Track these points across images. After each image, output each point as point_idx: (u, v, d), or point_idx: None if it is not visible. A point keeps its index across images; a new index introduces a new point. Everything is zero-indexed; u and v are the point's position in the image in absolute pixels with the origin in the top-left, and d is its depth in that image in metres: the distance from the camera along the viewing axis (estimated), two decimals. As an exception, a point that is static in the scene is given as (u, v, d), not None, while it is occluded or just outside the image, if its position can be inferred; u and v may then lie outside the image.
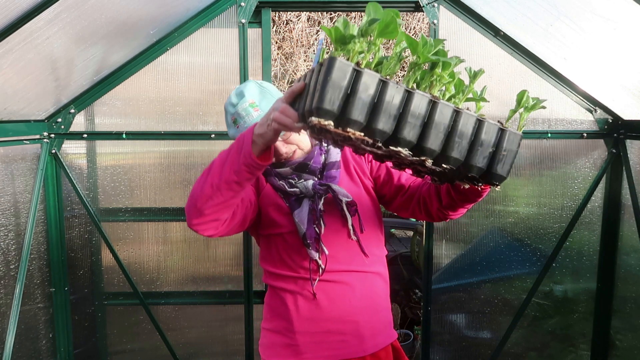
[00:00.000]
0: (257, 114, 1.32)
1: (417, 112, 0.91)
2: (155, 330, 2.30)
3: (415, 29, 4.21)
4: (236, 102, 1.35)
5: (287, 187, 1.38)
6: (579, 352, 2.35)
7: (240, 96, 1.34)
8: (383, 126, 0.88)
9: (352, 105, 0.85)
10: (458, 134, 0.96)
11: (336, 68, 0.84)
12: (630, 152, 2.13)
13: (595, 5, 1.64)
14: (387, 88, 0.88)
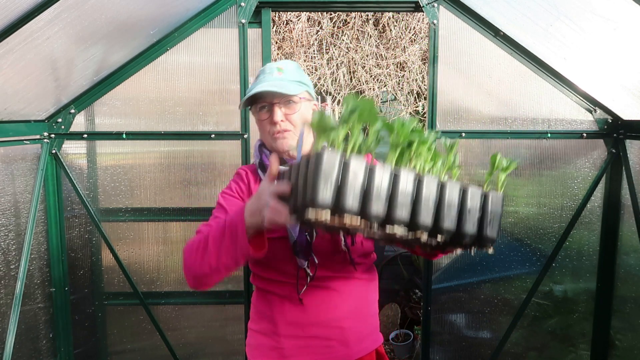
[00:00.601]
0: (278, 76, 1.38)
1: (406, 190, 0.95)
2: (155, 330, 2.30)
3: (415, 29, 4.21)
4: (271, 66, 1.42)
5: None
6: (579, 352, 2.35)
7: (277, 64, 1.42)
8: (377, 210, 0.91)
9: (344, 194, 0.88)
10: (447, 204, 1.00)
11: (325, 161, 0.87)
12: (630, 152, 2.13)
13: (595, 5, 1.64)
14: (374, 171, 0.92)
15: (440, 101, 2.19)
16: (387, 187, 0.93)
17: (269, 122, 1.39)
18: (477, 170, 2.26)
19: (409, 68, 4.31)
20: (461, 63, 2.18)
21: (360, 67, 4.32)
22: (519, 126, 2.22)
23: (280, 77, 1.37)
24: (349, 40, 4.21)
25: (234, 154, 2.20)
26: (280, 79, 1.37)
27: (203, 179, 2.23)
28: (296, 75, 1.41)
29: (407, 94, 4.50)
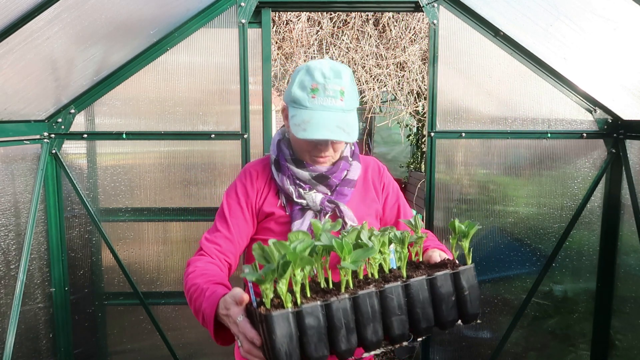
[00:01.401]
0: (339, 104, 1.22)
1: (371, 310, 0.90)
2: (155, 330, 2.30)
3: (415, 29, 4.21)
4: (329, 77, 1.22)
5: (294, 196, 1.33)
6: (579, 352, 2.35)
7: (336, 74, 1.23)
8: (346, 345, 0.87)
9: (309, 345, 0.83)
10: (418, 305, 0.95)
11: (276, 323, 0.81)
12: (630, 152, 2.13)
13: (595, 5, 1.64)
14: (332, 307, 0.86)
15: (440, 101, 2.19)
16: (350, 316, 0.87)
17: (313, 146, 1.30)
18: (477, 170, 2.26)
19: (409, 68, 4.31)
20: (461, 63, 2.18)
21: (360, 67, 4.31)
22: (519, 126, 2.22)
23: (343, 107, 1.23)
24: (349, 40, 4.21)
25: (234, 154, 2.20)
26: (343, 109, 1.23)
27: (203, 179, 2.23)
28: (354, 95, 1.29)
29: (407, 94, 4.50)
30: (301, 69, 1.28)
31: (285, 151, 1.36)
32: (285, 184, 1.34)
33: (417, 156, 6.15)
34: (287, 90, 1.30)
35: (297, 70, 1.29)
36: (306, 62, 1.32)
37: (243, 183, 1.38)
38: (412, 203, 4.72)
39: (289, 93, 1.28)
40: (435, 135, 2.20)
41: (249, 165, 1.43)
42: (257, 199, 1.37)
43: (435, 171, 2.22)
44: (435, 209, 2.25)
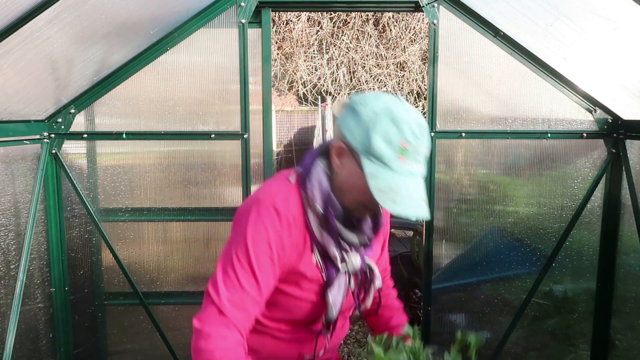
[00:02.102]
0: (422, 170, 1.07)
1: None
2: (155, 330, 2.30)
3: (415, 29, 4.21)
4: (420, 136, 1.03)
5: (338, 260, 1.15)
6: (579, 352, 2.35)
7: (424, 132, 1.05)
8: None
9: None
10: None
11: None
12: (630, 152, 2.13)
13: (595, 5, 1.64)
14: None
15: (440, 101, 2.19)
16: None
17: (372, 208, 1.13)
18: (477, 170, 2.26)
19: (409, 68, 4.31)
20: (461, 63, 2.18)
21: (360, 67, 4.32)
22: (519, 126, 2.22)
23: (424, 173, 1.08)
24: (349, 40, 4.21)
25: (234, 154, 2.20)
26: (423, 175, 1.08)
27: (203, 179, 2.23)
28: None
29: (407, 94, 4.49)
30: (380, 113, 1.03)
31: (338, 208, 1.11)
32: (330, 246, 1.13)
33: (417, 156, 6.13)
34: (359, 133, 1.04)
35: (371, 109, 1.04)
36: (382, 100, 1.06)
37: (279, 233, 1.08)
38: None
39: (364, 139, 1.03)
40: (435, 135, 2.20)
41: (282, 206, 1.09)
42: (293, 255, 1.12)
43: (435, 171, 2.22)
44: (435, 209, 2.25)
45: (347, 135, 1.06)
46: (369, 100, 1.06)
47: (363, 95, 1.10)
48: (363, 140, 1.04)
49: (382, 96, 1.08)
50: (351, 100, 1.11)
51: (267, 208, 1.08)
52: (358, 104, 1.06)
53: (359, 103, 1.07)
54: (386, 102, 1.05)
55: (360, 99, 1.08)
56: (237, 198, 2.23)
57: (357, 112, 1.06)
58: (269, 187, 1.15)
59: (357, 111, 1.06)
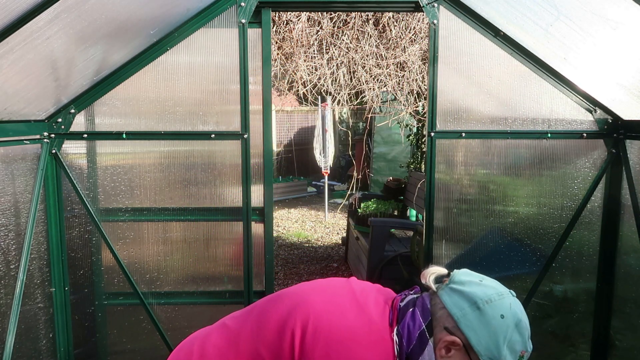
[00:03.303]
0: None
1: None
2: (155, 330, 2.30)
3: (415, 29, 4.21)
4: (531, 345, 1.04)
5: None
6: (579, 352, 2.34)
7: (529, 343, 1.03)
8: None
9: None
10: None
11: None
12: (630, 152, 2.13)
13: (595, 5, 1.64)
14: None
15: (440, 101, 2.19)
16: None
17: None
18: (477, 170, 2.26)
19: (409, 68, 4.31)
20: (461, 63, 2.18)
21: (360, 67, 4.31)
22: (519, 126, 2.22)
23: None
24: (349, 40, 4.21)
25: (234, 154, 2.20)
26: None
27: (203, 179, 2.23)
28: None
29: (407, 94, 4.49)
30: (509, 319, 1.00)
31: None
32: None
33: (417, 156, 6.15)
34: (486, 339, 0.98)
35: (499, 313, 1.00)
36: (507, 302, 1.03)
37: None
38: (412, 203, 4.72)
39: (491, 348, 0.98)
40: (435, 135, 2.20)
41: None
42: None
43: (435, 171, 2.22)
44: (435, 209, 2.25)
45: (469, 335, 0.98)
46: (493, 298, 1.01)
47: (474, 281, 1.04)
48: (490, 348, 0.97)
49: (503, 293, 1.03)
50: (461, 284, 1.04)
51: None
52: (483, 302, 1.00)
53: (483, 300, 1.00)
54: (509, 303, 1.01)
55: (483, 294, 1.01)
56: (237, 198, 2.23)
57: (482, 312, 0.99)
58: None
59: (483, 311, 0.99)
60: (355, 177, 6.12)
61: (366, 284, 1.21)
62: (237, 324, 1.16)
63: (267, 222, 2.25)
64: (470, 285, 1.02)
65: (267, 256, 2.28)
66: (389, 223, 4.41)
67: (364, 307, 1.07)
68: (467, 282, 1.03)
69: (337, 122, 9.93)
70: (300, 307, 1.07)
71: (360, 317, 1.05)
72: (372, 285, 1.21)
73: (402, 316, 1.07)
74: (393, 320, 1.06)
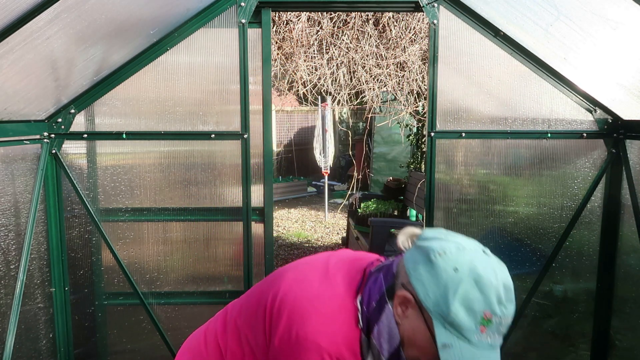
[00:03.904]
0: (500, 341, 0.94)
1: None
2: (155, 330, 2.30)
3: (415, 29, 4.21)
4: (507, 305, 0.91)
5: None
6: (579, 352, 2.34)
7: (511, 300, 0.91)
8: None
9: None
10: None
11: None
12: (630, 152, 2.13)
13: (595, 5, 1.64)
14: None
15: (440, 101, 2.19)
16: None
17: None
18: (477, 170, 2.26)
19: (409, 68, 4.31)
20: (461, 63, 2.18)
21: (360, 67, 4.31)
22: (519, 126, 2.22)
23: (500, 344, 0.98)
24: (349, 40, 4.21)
25: (234, 154, 2.20)
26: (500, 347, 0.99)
27: (203, 179, 2.23)
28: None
29: (407, 94, 4.49)
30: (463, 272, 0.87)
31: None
32: None
33: (417, 156, 6.15)
34: (434, 292, 0.89)
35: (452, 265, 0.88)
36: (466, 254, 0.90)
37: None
38: (412, 203, 4.72)
39: (439, 301, 0.88)
40: (435, 135, 2.20)
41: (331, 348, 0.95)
42: None
43: (435, 171, 2.22)
44: (435, 209, 2.25)
45: (418, 288, 0.90)
46: (449, 251, 0.89)
47: (439, 237, 0.94)
48: (438, 302, 0.88)
49: (466, 247, 0.91)
50: (424, 239, 0.95)
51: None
52: (435, 253, 0.89)
53: (436, 251, 0.90)
54: (471, 258, 0.89)
55: (439, 246, 0.91)
56: (237, 198, 2.23)
57: (433, 264, 0.89)
58: (334, 334, 0.96)
59: (434, 263, 0.89)
60: (355, 177, 6.12)
61: (356, 254, 1.18)
62: (232, 307, 1.20)
63: (267, 222, 2.26)
64: (432, 240, 0.93)
65: (267, 256, 2.28)
66: (389, 223, 4.41)
67: (331, 277, 1.05)
68: (432, 237, 0.94)
69: (337, 122, 9.93)
70: (274, 285, 1.07)
71: (324, 287, 1.02)
72: (360, 255, 1.18)
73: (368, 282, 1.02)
74: (361, 287, 1.02)
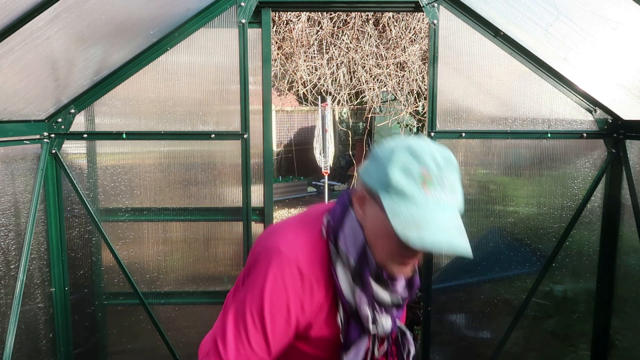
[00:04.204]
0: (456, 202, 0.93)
1: None
2: (155, 330, 2.30)
3: (415, 29, 4.21)
4: (443, 165, 0.92)
5: (369, 321, 1.02)
6: (579, 352, 2.35)
7: (449, 162, 0.93)
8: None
9: None
10: None
11: None
12: (630, 152, 2.13)
13: (595, 5, 1.64)
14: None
15: (440, 101, 2.19)
16: None
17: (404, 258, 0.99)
18: (477, 170, 2.26)
19: (409, 68, 4.31)
20: (461, 63, 2.18)
21: (360, 67, 4.32)
22: (519, 126, 2.22)
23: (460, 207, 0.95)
24: (349, 40, 4.21)
25: (234, 154, 2.20)
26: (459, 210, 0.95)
27: (203, 179, 2.23)
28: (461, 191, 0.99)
29: (407, 94, 4.50)
30: (397, 147, 0.93)
31: (372, 262, 0.99)
32: (362, 305, 1.00)
33: (417, 156, 6.14)
34: (376, 171, 0.94)
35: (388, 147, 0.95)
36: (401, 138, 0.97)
37: (299, 296, 0.98)
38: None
39: (381, 176, 0.92)
40: (435, 135, 2.20)
41: (306, 266, 0.98)
42: (313, 316, 1.02)
43: (435, 171, 2.22)
44: (435, 209, 2.25)
45: (365, 179, 0.96)
46: (387, 142, 0.97)
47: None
48: (380, 177, 0.92)
49: (408, 139, 0.98)
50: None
51: (290, 267, 0.96)
52: (376, 149, 0.97)
53: (377, 148, 0.97)
54: (406, 139, 0.96)
55: (380, 145, 0.99)
56: (237, 198, 2.23)
57: (374, 155, 0.96)
58: (295, 239, 1.00)
59: (375, 154, 0.96)
60: (355, 177, 6.12)
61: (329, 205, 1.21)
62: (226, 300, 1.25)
63: (267, 222, 2.26)
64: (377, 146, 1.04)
65: (267, 256, 2.28)
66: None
67: (306, 212, 1.11)
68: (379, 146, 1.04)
69: (337, 122, 9.93)
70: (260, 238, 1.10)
71: (295, 217, 1.09)
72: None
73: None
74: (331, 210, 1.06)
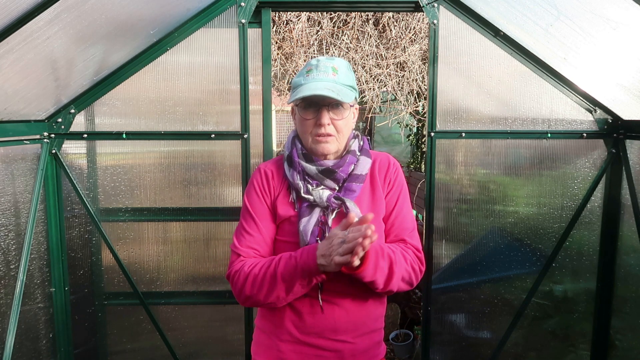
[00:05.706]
0: (332, 77, 1.32)
1: None
2: (155, 330, 2.30)
3: (415, 29, 4.21)
4: (322, 59, 1.36)
5: (302, 191, 1.35)
6: (579, 352, 2.35)
7: (329, 58, 1.37)
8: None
9: None
10: None
11: None
12: (630, 152, 2.13)
13: (595, 5, 1.64)
14: None
15: (440, 101, 2.19)
16: None
17: (313, 123, 1.36)
18: (477, 170, 2.26)
19: (409, 68, 4.31)
20: (461, 63, 2.18)
21: (360, 67, 4.32)
22: (519, 126, 2.22)
23: (335, 80, 1.32)
24: (349, 40, 4.21)
25: (234, 154, 2.20)
26: (334, 81, 1.32)
27: (203, 179, 2.23)
28: (349, 78, 1.36)
29: (407, 94, 4.50)
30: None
31: (298, 146, 1.41)
32: (295, 179, 1.37)
33: (417, 156, 6.15)
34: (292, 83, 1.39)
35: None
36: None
37: (260, 182, 1.43)
38: (412, 203, 4.73)
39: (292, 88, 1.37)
40: (435, 135, 2.20)
41: (263, 165, 1.48)
42: (273, 198, 1.41)
43: (435, 171, 2.22)
44: (435, 209, 2.25)
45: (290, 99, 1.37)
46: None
47: None
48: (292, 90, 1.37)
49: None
50: None
51: (255, 172, 1.48)
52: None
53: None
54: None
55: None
56: (237, 198, 2.23)
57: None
58: (270, 160, 1.52)
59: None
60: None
61: None
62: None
63: (267, 222, 2.25)
64: None
65: (267, 256, 2.28)
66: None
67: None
68: None
69: (337, 122, 9.91)
70: None
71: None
72: None
73: None
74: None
